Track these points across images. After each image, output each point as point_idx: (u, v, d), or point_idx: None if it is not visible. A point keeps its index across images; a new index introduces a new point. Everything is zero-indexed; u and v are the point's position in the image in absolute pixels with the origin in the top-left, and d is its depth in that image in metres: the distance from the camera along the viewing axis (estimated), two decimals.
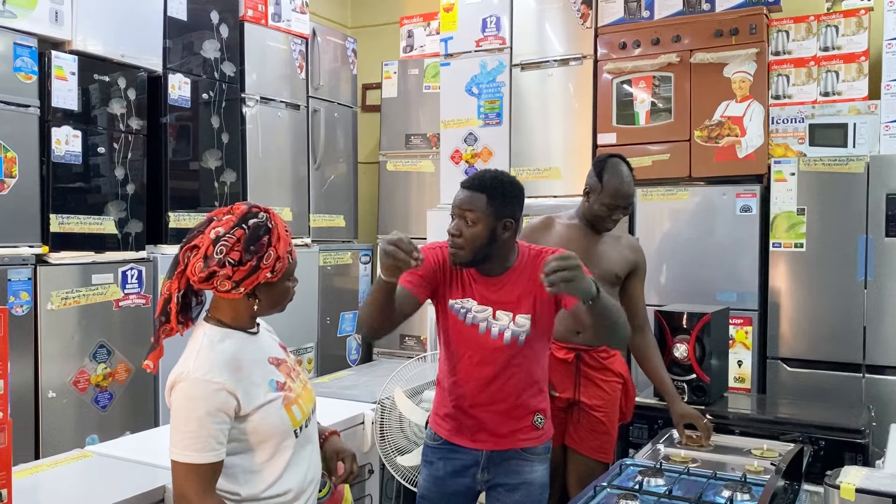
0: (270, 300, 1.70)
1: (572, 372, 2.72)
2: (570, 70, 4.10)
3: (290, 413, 1.69)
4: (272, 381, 1.69)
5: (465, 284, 2.20)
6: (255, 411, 1.62)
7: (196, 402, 1.55)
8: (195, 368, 1.58)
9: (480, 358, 2.19)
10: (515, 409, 2.22)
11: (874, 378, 3.31)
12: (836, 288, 3.39)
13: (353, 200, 5.00)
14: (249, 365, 1.66)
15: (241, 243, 1.60)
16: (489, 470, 2.24)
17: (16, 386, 2.91)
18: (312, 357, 4.48)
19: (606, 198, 2.66)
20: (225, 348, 1.64)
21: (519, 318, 2.17)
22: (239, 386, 1.60)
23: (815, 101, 3.69)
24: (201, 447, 1.54)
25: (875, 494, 1.61)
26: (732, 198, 3.60)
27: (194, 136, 3.86)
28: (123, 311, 3.41)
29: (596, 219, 2.71)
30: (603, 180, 2.67)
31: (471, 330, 2.18)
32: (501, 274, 2.19)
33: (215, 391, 1.56)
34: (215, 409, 1.56)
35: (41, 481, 2.12)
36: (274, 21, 4.29)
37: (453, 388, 2.24)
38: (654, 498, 1.94)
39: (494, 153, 4.27)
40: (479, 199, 2.09)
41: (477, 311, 2.18)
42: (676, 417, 2.64)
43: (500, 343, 2.17)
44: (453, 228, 2.11)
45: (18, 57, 3.07)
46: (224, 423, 1.57)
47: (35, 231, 3.14)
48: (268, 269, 1.63)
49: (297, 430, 1.70)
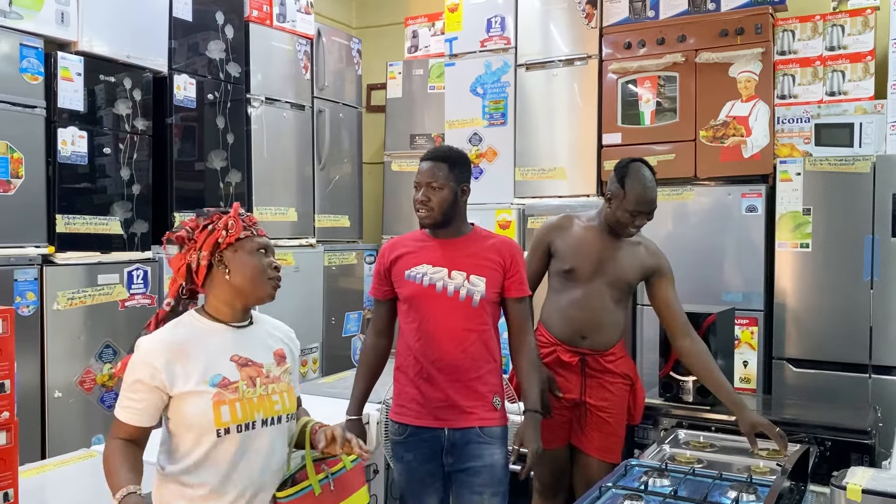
0: (239, 271, 1.77)
1: (577, 374, 2.72)
2: (575, 70, 4.09)
3: (217, 411, 1.70)
4: (216, 375, 1.73)
5: (419, 255, 2.40)
6: (182, 396, 1.70)
7: (132, 366, 1.71)
8: (147, 340, 1.74)
9: (441, 315, 2.34)
10: (478, 381, 2.35)
11: (880, 378, 3.30)
12: (841, 288, 3.38)
13: (357, 201, 5.01)
14: (197, 354, 1.73)
15: (195, 220, 1.83)
16: (452, 453, 2.35)
17: (22, 386, 2.92)
18: (317, 357, 4.49)
19: (630, 204, 2.60)
20: (181, 332, 1.76)
21: (473, 278, 2.35)
22: (171, 368, 1.70)
23: (821, 100, 3.68)
24: (123, 406, 1.71)
25: (882, 496, 1.61)
26: (738, 198, 3.59)
27: (199, 136, 3.86)
28: (129, 312, 3.42)
29: (618, 225, 2.65)
30: (626, 186, 2.60)
31: (428, 290, 2.35)
32: (457, 237, 2.41)
33: (144, 363, 1.69)
34: (138, 378, 1.69)
35: (47, 481, 2.12)
36: (279, 21, 4.30)
37: (420, 357, 2.35)
38: (659, 498, 1.94)
39: (499, 153, 4.27)
40: (443, 168, 2.35)
41: (432, 272, 2.37)
42: (747, 427, 2.49)
43: (456, 301, 2.34)
44: (422, 196, 2.35)
45: (25, 58, 3.09)
46: (146, 393, 1.69)
47: (41, 231, 3.15)
48: (222, 228, 1.78)
49: (221, 430, 1.71)
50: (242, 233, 1.79)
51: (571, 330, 2.71)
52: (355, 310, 4.82)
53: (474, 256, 2.37)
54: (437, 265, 2.37)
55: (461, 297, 2.34)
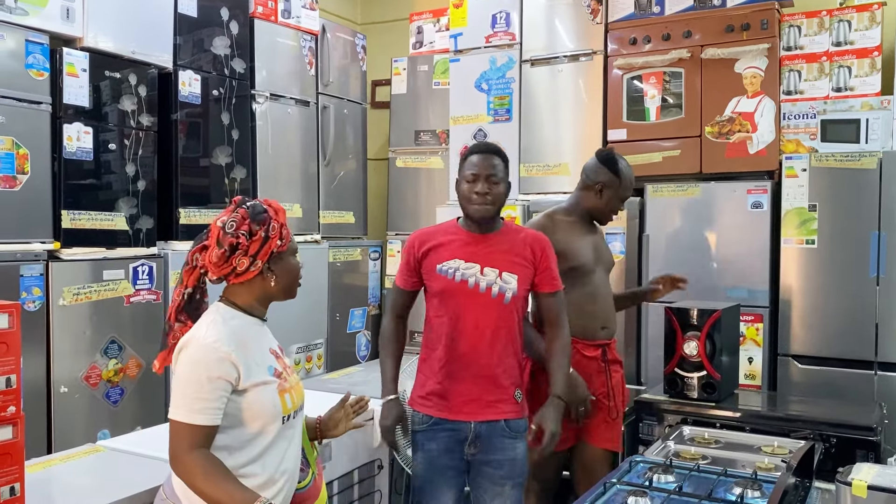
0: (285, 276, 1.78)
1: (602, 368, 2.74)
2: (580, 66, 4.09)
3: (283, 400, 1.75)
4: (271, 366, 1.77)
5: (451, 250, 2.38)
6: (252, 387, 1.69)
7: (200, 365, 1.64)
8: (206, 335, 1.67)
9: (473, 312, 2.34)
10: (502, 375, 2.36)
11: (886, 375, 3.29)
12: (847, 284, 3.37)
13: (362, 197, 5.01)
14: (254, 345, 1.75)
15: (247, 219, 1.72)
16: (476, 444, 2.36)
17: (28, 381, 2.92)
18: (322, 353, 4.49)
19: (625, 190, 2.73)
20: (235, 325, 1.74)
21: (505, 275, 2.35)
22: (242, 360, 1.68)
23: (828, 96, 3.67)
24: (200, 408, 1.62)
25: (887, 492, 1.60)
26: (743, 194, 3.58)
27: (204, 132, 3.87)
28: (134, 307, 3.43)
29: (609, 213, 2.76)
30: (620, 174, 2.71)
31: (461, 286, 2.35)
32: (490, 233, 2.40)
33: (220, 359, 1.64)
34: (217, 375, 1.64)
35: (53, 475, 2.13)
36: (284, 17, 4.30)
37: (448, 351, 2.35)
38: (664, 495, 1.94)
39: (504, 149, 4.25)
40: (499, 162, 2.39)
41: (465, 268, 2.35)
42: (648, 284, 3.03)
43: (488, 297, 2.34)
44: (482, 188, 2.33)
45: (30, 54, 3.09)
46: (223, 391, 1.65)
47: (47, 227, 3.16)
48: (276, 236, 1.74)
49: (286, 417, 1.76)
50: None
51: (591, 323, 2.74)
52: (360, 306, 4.83)
53: (507, 253, 2.37)
54: (470, 261, 2.36)
55: (493, 294, 2.34)
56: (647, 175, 3.85)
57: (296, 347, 4.28)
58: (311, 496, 1.93)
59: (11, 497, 1.71)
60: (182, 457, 1.62)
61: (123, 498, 1.93)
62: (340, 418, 2.05)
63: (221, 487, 1.59)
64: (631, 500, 1.90)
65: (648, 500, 1.90)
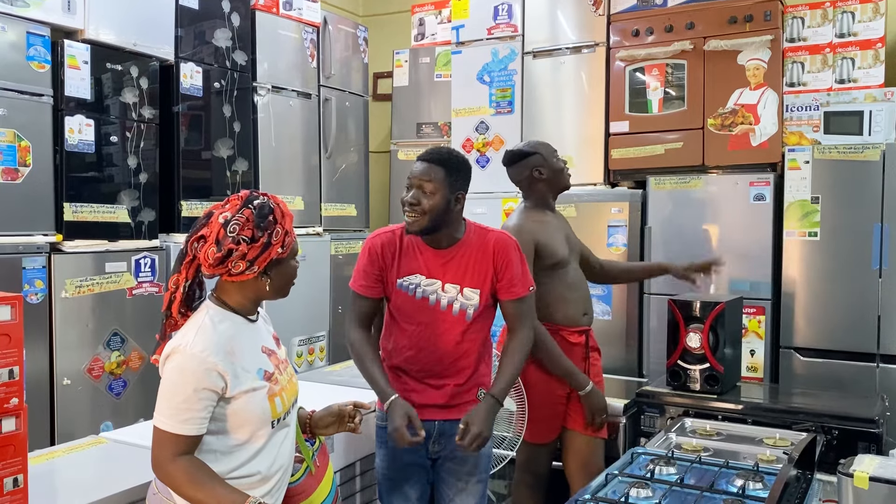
0: (280, 279, 1.75)
1: (583, 355, 2.77)
2: (583, 58, 4.07)
3: (272, 404, 1.72)
4: (261, 370, 1.73)
5: (412, 262, 2.27)
6: (240, 395, 1.66)
7: (188, 375, 1.61)
8: (193, 343, 1.63)
9: (434, 329, 2.26)
10: (469, 381, 2.31)
11: (888, 368, 3.29)
12: (850, 277, 3.36)
13: (364, 189, 5.00)
14: (243, 350, 1.70)
15: (252, 221, 1.66)
16: (440, 441, 2.32)
17: (31, 373, 2.93)
18: (324, 346, 4.50)
19: (549, 153, 2.79)
20: (224, 330, 1.69)
21: (467, 291, 2.26)
22: (230, 368, 1.64)
23: (831, 88, 3.65)
24: (185, 419, 1.60)
25: (889, 483, 1.61)
26: (746, 186, 3.57)
27: (206, 124, 3.86)
28: (136, 300, 3.43)
29: (562, 176, 2.81)
30: (533, 150, 2.79)
31: (421, 303, 2.26)
32: (450, 246, 2.27)
33: (207, 370, 1.61)
34: (203, 386, 1.61)
35: (56, 467, 2.14)
36: (285, 9, 4.29)
37: (411, 363, 2.29)
38: (665, 486, 1.94)
39: (506, 142, 4.25)
40: (438, 171, 2.18)
41: (426, 284, 2.26)
42: (682, 269, 2.99)
43: (449, 315, 2.26)
44: (412, 198, 2.18)
45: (32, 46, 3.09)
46: (209, 401, 1.62)
47: (49, 219, 3.16)
48: (278, 244, 1.69)
49: (275, 420, 1.74)
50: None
51: (574, 310, 2.77)
52: None
53: (469, 267, 2.26)
54: (431, 276, 2.26)
55: (454, 311, 2.26)
56: (649, 167, 3.85)
57: (298, 340, 4.28)
58: (307, 489, 1.90)
59: (15, 489, 1.72)
60: (166, 465, 1.61)
61: (126, 489, 1.94)
62: (332, 422, 2.00)
63: (208, 491, 1.58)
64: (633, 491, 1.90)
65: (650, 491, 1.90)
